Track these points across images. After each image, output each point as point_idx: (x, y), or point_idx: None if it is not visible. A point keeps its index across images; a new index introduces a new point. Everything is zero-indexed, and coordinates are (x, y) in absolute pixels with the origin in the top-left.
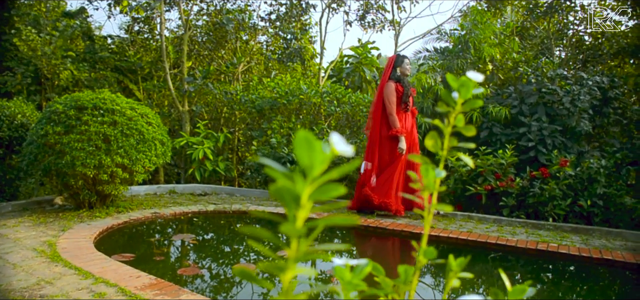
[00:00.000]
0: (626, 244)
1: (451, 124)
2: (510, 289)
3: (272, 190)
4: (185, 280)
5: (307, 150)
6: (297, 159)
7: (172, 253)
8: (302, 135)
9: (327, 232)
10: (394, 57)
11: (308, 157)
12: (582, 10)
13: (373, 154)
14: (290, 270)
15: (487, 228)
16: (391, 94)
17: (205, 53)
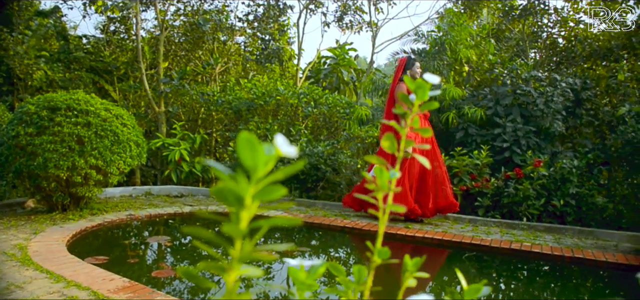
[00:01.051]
0: (597, 242)
1: (408, 126)
2: (466, 288)
3: (213, 191)
4: (160, 282)
5: (250, 152)
6: (240, 160)
7: (147, 255)
8: (244, 137)
9: (305, 232)
10: (404, 60)
11: (251, 158)
12: (556, 13)
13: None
14: (234, 270)
15: (462, 228)
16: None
17: (182, 54)
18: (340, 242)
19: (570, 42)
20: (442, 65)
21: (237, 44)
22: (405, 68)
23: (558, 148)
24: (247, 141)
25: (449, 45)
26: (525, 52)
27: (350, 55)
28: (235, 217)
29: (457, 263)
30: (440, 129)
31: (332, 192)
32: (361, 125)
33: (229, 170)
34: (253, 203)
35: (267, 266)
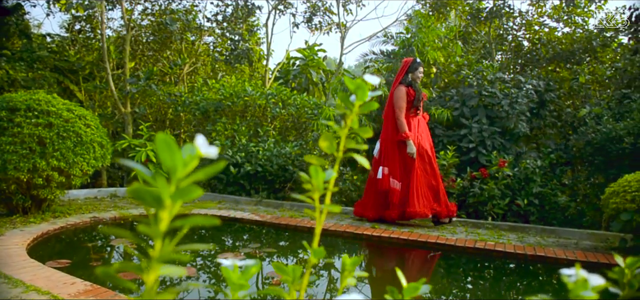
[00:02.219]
0: (558, 240)
1: (348, 126)
2: (405, 286)
3: (129, 191)
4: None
5: (168, 153)
6: (160, 161)
7: (112, 258)
8: (161, 138)
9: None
10: (408, 61)
11: (170, 159)
12: (521, 17)
13: (389, 159)
14: (154, 270)
15: (428, 228)
16: (401, 99)
17: (149, 54)
18: (307, 242)
19: (535, 45)
20: None
21: (206, 44)
22: (408, 70)
23: (522, 148)
24: (164, 142)
25: (416, 47)
26: (491, 54)
27: (320, 56)
28: (153, 217)
29: (421, 263)
30: None
31: (300, 193)
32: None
33: (149, 171)
34: (173, 203)
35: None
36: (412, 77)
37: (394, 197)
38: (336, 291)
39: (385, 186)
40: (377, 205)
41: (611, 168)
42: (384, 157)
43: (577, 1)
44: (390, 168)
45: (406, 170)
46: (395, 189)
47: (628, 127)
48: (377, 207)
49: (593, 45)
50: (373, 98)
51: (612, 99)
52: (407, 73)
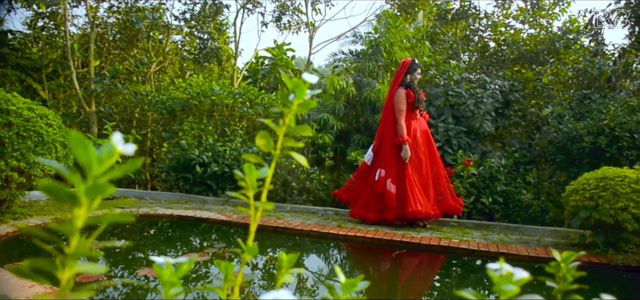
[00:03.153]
0: (521, 237)
1: (286, 124)
2: (343, 283)
3: (42, 187)
4: (85, 287)
5: (83, 151)
6: (76, 158)
7: None
8: (75, 136)
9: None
10: (407, 63)
11: (85, 156)
12: (487, 18)
13: (386, 162)
14: (69, 268)
15: (394, 226)
16: (401, 102)
17: (115, 52)
18: (274, 242)
19: (500, 46)
20: (376, 66)
21: (174, 42)
22: (407, 71)
23: (488, 147)
24: (78, 140)
25: (384, 47)
26: (458, 54)
27: (288, 55)
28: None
29: (385, 261)
30: (375, 129)
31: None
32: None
33: (65, 168)
34: (89, 200)
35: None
36: (410, 79)
37: (389, 200)
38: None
39: (381, 188)
40: (378, 207)
41: (572, 166)
42: (382, 159)
43: (541, 4)
44: (387, 170)
45: (402, 172)
46: (390, 191)
47: (588, 127)
48: (378, 209)
49: (556, 47)
50: (312, 96)
51: (573, 99)
52: (406, 74)
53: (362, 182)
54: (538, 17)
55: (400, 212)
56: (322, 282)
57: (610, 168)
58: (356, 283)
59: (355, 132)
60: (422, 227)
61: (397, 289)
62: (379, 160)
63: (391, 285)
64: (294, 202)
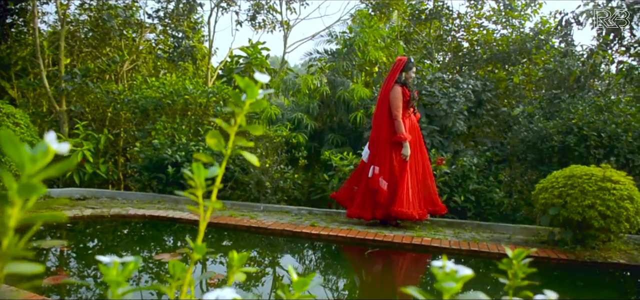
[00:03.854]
0: (493, 235)
1: (237, 124)
2: (294, 281)
3: None
4: (50, 289)
5: (14, 150)
6: (7, 158)
7: (39, 262)
8: (5, 135)
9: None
10: (403, 60)
11: (17, 156)
12: (460, 19)
13: (380, 159)
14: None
15: (367, 225)
16: (397, 99)
17: (87, 50)
18: (248, 242)
19: (473, 46)
20: (351, 65)
21: (148, 41)
22: (402, 69)
23: (460, 146)
24: (9, 140)
25: (357, 46)
26: (432, 54)
27: (263, 54)
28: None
29: (357, 260)
30: (349, 129)
31: (241, 192)
32: (271, 125)
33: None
34: (21, 199)
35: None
36: (405, 77)
37: (380, 197)
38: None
39: (374, 185)
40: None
41: (542, 165)
42: (375, 157)
43: (514, 4)
44: (381, 168)
45: (396, 171)
46: (382, 189)
47: (557, 126)
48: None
49: (527, 48)
50: (264, 96)
51: (544, 99)
52: (401, 72)
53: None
54: (510, 18)
55: (387, 210)
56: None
57: (578, 166)
58: (307, 282)
59: (330, 131)
60: (394, 225)
61: (365, 287)
62: (372, 156)
63: (360, 283)
64: (267, 202)
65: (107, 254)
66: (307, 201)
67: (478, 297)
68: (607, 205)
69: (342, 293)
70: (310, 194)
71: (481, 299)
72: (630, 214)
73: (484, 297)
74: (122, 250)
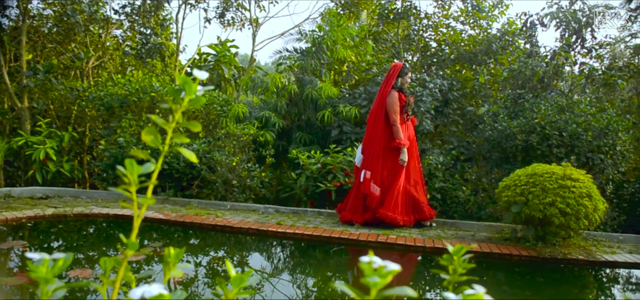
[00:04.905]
0: (457, 233)
1: (175, 120)
2: (232, 277)
3: None
4: (7, 291)
5: None
6: None
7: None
8: None
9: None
10: (399, 66)
11: None
12: (427, 19)
13: (373, 164)
14: None
15: (334, 223)
16: (394, 104)
17: (51, 46)
18: (214, 241)
19: (441, 46)
20: (319, 64)
21: (115, 37)
22: (398, 75)
23: (427, 145)
24: None
25: (325, 45)
26: (400, 54)
27: (232, 52)
28: None
29: (321, 258)
30: (317, 127)
31: (208, 191)
32: (238, 123)
33: None
34: None
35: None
36: (401, 82)
37: (372, 202)
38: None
39: (366, 190)
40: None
41: (507, 163)
42: (368, 161)
43: (482, 6)
44: (372, 172)
45: (389, 176)
46: (374, 194)
47: (521, 125)
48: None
49: (493, 48)
50: (204, 93)
51: (508, 98)
52: (397, 78)
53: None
54: (478, 19)
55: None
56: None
57: (539, 165)
58: (245, 278)
59: (298, 129)
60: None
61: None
62: (365, 161)
63: (321, 280)
64: (235, 200)
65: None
66: (276, 200)
67: (405, 292)
68: (567, 203)
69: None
70: (279, 193)
71: (408, 293)
72: (588, 211)
73: (411, 292)
74: (87, 250)
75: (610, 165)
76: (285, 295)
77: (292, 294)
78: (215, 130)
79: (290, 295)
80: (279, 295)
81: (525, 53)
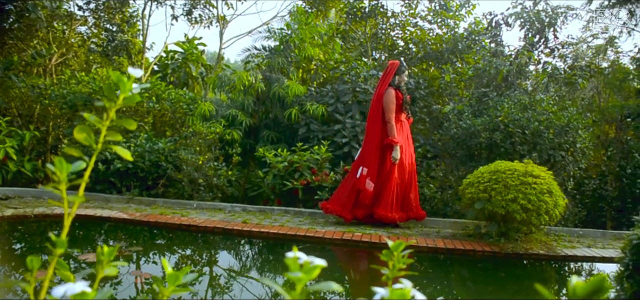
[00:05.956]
0: (423, 229)
1: (110, 118)
2: (168, 273)
3: None
4: None
5: None
6: None
7: None
8: None
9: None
10: (396, 64)
11: None
12: (394, 17)
13: (370, 160)
14: None
15: (300, 221)
16: (391, 102)
17: (12, 42)
18: (181, 240)
19: (408, 45)
20: (286, 62)
21: (80, 34)
22: (395, 73)
23: None
24: None
25: (293, 43)
26: (368, 52)
27: (200, 49)
28: None
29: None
30: (284, 125)
31: (175, 190)
32: (205, 121)
33: None
34: None
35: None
36: (398, 81)
37: (365, 198)
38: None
39: (361, 186)
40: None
41: (471, 161)
42: (364, 158)
43: (449, 5)
44: (369, 169)
45: (384, 174)
46: (368, 190)
47: (485, 123)
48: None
49: (459, 47)
50: (138, 91)
51: (473, 97)
52: (394, 76)
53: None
54: (446, 18)
55: (369, 210)
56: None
57: (502, 162)
58: (180, 276)
59: (265, 127)
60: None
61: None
62: (362, 157)
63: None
64: (201, 199)
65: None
66: (244, 198)
67: (330, 287)
68: (529, 199)
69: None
70: (247, 191)
71: (332, 288)
72: (549, 207)
73: (336, 286)
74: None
75: (571, 162)
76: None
77: (238, 291)
78: (181, 129)
79: (236, 293)
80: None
81: (490, 52)
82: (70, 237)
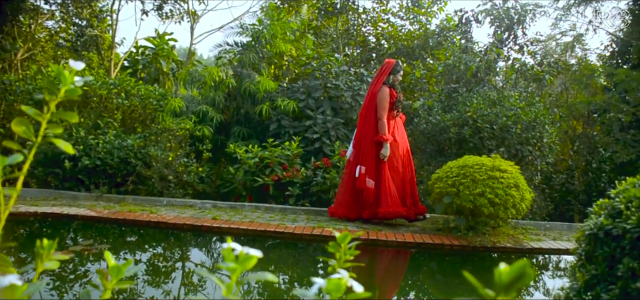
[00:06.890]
0: (393, 224)
1: (50, 111)
2: (111, 266)
3: None
4: None
5: None
6: None
7: None
8: None
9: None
10: (391, 63)
11: None
12: (365, 14)
13: (366, 158)
14: None
15: (271, 217)
16: (384, 100)
17: None
18: (151, 237)
19: (379, 41)
20: (258, 57)
21: (48, 28)
22: (391, 72)
23: None
24: None
25: (264, 39)
26: (340, 48)
27: (171, 45)
28: None
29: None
30: (256, 121)
31: (145, 187)
32: (175, 117)
33: None
34: None
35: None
36: (393, 79)
37: (369, 196)
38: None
39: (362, 185)
40: (357, 204)
41: (441, 156)
42: (362, 156)
43: (420, 2)
44: (367, 167)
45: (379, 170)
46: (370, 188)
47: (454, 118)
48: (357, 207)
49: (430, 44)
50: (83, 83)
51: (442, 92)
52: (389, 75)
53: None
54: (418, 15)
55: (374, 210)
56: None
57: (470, 157)
58: (122, 270)
59: (236, 123)
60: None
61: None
62: (357, 156)
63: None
64: (172, 196)
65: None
66: (217, 195)
67: (265, 277)
68: (496, 193)
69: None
70: (219, 188)
71: (267, 278)
72: (516, 201)
73: (271, 276)
74: (17, 252)
75: (538, 157)
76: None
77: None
78: (151, 125)
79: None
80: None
81: (460, 48)
82: (31, 235)
